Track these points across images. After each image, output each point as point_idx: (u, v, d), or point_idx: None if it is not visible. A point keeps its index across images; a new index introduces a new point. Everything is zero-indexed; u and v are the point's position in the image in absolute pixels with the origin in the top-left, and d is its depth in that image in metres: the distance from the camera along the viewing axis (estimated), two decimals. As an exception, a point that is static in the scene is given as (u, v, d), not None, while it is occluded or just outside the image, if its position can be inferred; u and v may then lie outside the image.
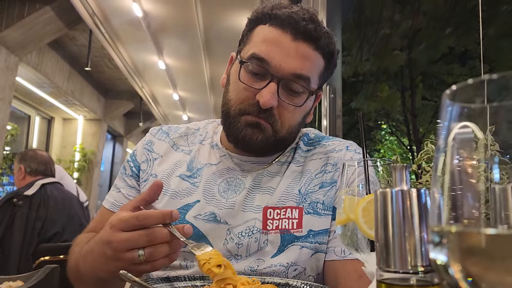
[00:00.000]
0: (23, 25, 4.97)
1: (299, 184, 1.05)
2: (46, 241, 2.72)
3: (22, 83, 6.88)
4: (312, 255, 0.98)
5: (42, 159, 3.04)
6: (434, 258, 0.28)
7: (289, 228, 1.00)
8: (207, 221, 1.01)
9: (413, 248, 0.44)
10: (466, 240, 0.25)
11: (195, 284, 0.84)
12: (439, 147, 0.31)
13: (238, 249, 0.99)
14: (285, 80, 0.97)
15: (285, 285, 0.82)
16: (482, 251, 0.23)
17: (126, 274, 0.68)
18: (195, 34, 5.52)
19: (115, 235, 0.76)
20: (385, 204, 0.46)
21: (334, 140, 1.17)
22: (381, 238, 0.46)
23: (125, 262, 0.76)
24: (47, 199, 2.80)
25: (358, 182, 0.67)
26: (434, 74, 10.59)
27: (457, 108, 0.31)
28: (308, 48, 0.98)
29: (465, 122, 0.31)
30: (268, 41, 0.98)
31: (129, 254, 0.75)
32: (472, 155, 0.30)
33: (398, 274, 0.44)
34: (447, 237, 0.26)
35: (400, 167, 0.47)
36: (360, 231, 0.63)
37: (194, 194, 1.05)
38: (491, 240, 0.23)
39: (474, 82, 0.30)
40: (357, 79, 10.69)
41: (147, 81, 8.06)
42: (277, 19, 0.98)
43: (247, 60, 0.99)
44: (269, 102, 0.95)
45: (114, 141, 12.05)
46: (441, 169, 0.30)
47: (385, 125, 12.60)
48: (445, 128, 0.31)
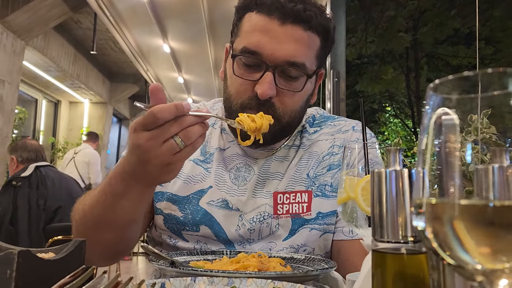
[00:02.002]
0: (29, 9, 4.99)
1: (307, 167, 1.07)
2: (51, 216, 2.93)
3: (28, 67, 6.94)
4: (321, 236, 1.02)
5: (32, 147, 3.21)
6: (416, 225, 0.34)
7: (299, 212, 1.02)
8: (220, 208, 1.03)
9: (404, 221, 0.50)
10: (436, 209, 0.31)
11: (207, 258, 0.91)
12: (422, 130, 0.37)
13: (250, 234, 1.02)
14: (280, 67, 0.95)
15: (290, 259, 0.89)
16: (449, 217, 0.29)
17: (147, 246, 0.75)
18: (200, 17, 5.52)
19: (141, 136, 0.75)
20: (380, 182, 0.52)
21: (340, 120, 1.17)
22: (376, 213, 0.52)
23: (166, 154, 0.75)
24: (44, 179, 3.01)
25: (358, 163, 0.73)
26: (439, 56, 10.53)
27: (439, 98, 0.36)
28: (299, 30, 0.95)
29: (445, 108, 0.36)
30: (257, 31, 0.96)
31: (166, 145, 0.75)
32: (451, 138, 0.36)
33: (391, 244, 0.50)
34: (424, 207, 0.32)
35: (394, 150, 0.53)
36: (359, 208, 0.69)
37: (207, 180, 1.06)
38: (453, 208, 0.29)
39: (454, 78, 0.35)
40: (362, 61, 10.65)
41: (152, 64, 8.08)
42: (263, 5, 0.96)
43: (239, 54, 0.97)
44: (267, 92, 0.94)
45: (120, 124, 12.14)
46: (424, 149, 0.36)
47: (389, 107, 12.60)
48: (428, 114, 0.36)
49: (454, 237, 0.31)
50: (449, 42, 9.60)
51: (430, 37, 8.94)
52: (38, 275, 0.55)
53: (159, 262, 0.75)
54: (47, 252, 0.64)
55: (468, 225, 0.30)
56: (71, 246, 0.65)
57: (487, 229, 0.29)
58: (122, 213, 0.88)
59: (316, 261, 0.87)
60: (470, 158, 0.34)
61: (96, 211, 0.89)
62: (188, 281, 0.63)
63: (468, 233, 0.30)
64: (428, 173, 0.35)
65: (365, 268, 0.61)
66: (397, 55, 10.49)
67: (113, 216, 0.89)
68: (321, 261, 0.87)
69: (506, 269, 0.30)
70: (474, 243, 0.30)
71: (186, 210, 1.04)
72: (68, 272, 0.54)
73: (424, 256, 0.50)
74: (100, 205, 0.89)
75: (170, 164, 0.77)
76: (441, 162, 0.36)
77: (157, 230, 1.07)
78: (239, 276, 0.65)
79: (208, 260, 0.89)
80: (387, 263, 0.50)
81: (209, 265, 0.82)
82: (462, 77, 0.35)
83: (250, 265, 0.76)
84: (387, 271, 0.50)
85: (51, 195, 2.95)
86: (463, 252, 0.30)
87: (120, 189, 0.85)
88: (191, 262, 0.85)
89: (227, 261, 0.84)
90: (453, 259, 0.31)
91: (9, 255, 0.51)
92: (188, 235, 1.04)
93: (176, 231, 1.04)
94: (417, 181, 0.37)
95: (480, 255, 0.30)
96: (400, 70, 10.60)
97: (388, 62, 10.49)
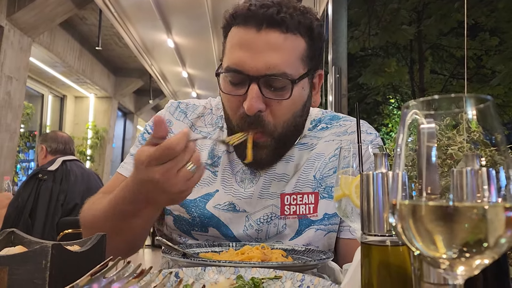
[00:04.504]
0: (35, 7, 5.07)
1: (314, 169, 1.07)
2: (68, 212, 2.99)
3: (35, 63, 7.03)
4: (325, 235, 1.06)
5: (62, 139, 3.30)
6: (390, 221, 0.41)
7: (306, 213, 1.04)
8: (227, 211, 1.05)
9: (388, 216, 0.57)
10: (402, 209, 0.38)
11: (215, 250, 0.98)
12: (398, 136, 0.43)
13: (258, 234, 1.04)
14: (263, 78, 0.93)
15: (291, 251, 0.96)
16: (412, 216, 0.37)
17: (161, 239, 0.82)
18: (204, 12, 5.57)
19: (156, 170, 0.77)
20: (368, 183, 0.59)
21: (345, 120, 1.16)
22: (365, 209, 0.59)
23: (182, 182, 0.79)
24: (68, 174, 3.07)
25: (353, 163, 0.79)
26: (443, 48, 10.52)
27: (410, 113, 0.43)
28: (276, 34, 0.92)
29: (416, 111, 0.43)
30: (236, 45, 0.95)
31: (181, 174, 0.78)
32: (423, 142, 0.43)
33: (377, 237, 0.57)
34: (395, 207, 0.39)
35: (380, 155, 0.60)
36: (353, 204, 0.76)
37: (214, 184, 1.07)
38: (412, 208, 0.37)
39: (424, 100, 0.42)
40: (366, 53, 10.66)
41: (156, 59, 8.14)
42: (239, 17, 0.95)
43: (224, 72, 0.97)
44: (254, 106, 0.92)
45: (125, 118, 12.24)
46: (399, 153, 0.43)
47: (393, 100, 12.62)
48: (402, 126, 0.43)
49: (417, 232, 0.38)
50: (454, 33, 9.58)
51: (434, 29, 8.92)
52: (67, 265, 0.63)
53: (172, 254, 0.83)
54: (72, 245, 0.72)
55: (427, 223, 0.37)
56: (94, 240, 0.73)
57: (443, 225, 0.36)
58: (134, 227, 0.92)
59: (315, 252, 0.94)
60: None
61: (108, 224, 0.92)
62: (199, 270, 0.71)
63: (427, 229, 0.37)
64: (400, 176, 0.42)
65: (356, 258, 0.68)
66: (401, 47, 10.48)
67: (124, 231, 0.92)
68: (319, 252, 0.94)
69: (463, 259, 0.38)
70: (433, 237, 0.37)
71: (193, 213, 1.07)
72: (92, 263, 0.61)
73: (406, 247, 0.57)
74: (109, 218, 0.92)
75: (186, 190, 0.83)
76: (413, 165, 0.43)
77: (168, 229, 1.11)
78: (244, 266, 0.72)
79: (215, 252, 0.96)
80: (373, 254, 0.57)
81: (217, 256, 0.89)
82: (426, 100, 0.42)
83: (254, 256, 0.83)
84: (374, 260, 0.57)
85: (71, 191, 3.01)
86: (425, 244, 0.37)
87: (130, 210, 0.88)
88: (200, 253, 0.93)
89: (233, 252, 0.91)
90: (418, 250, 0.38)
91: (44, 247, 0.59)
92: (197, 235, 1.08)
93: (186, 231, 1.08)
94: (393, 183, 0.44)
95: (439, 247, 0.37)
96: (404, 62, 10.59)
97: (392, 54, 10.49)
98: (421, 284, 0.50)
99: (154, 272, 0.57)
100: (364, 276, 0.58)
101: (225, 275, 0.71)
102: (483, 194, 0.39)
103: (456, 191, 0.39)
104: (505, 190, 0.38)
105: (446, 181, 0.48)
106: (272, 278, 0.69)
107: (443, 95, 0.40)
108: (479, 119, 0.40)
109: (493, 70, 9.30)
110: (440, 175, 0.44)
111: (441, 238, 0.37)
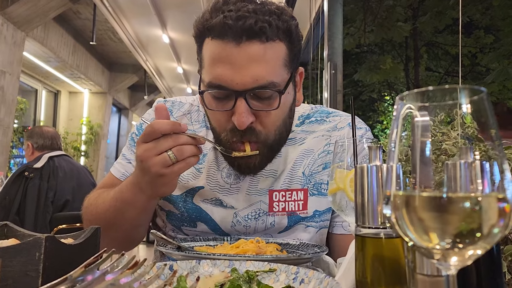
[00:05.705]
0: (28, 1, 5.02)
1: (303, 165, 1.07)
2: (59, 209, 2.95)
3: (28, 57, 6.97)
4: (317, 232, 1.07)
5: (48, 134, 3.21)
6: (385, 212, 0.41)
7: (295, 210, 1.04)
8: (215, 205, 1.06)
9: (382, 209, 0.57)
10: (397, 200, 0.38)
11: (209, 244, 0.98)
12: (392, 129, 0.44)
13: (246, 230, 1.05)
14: (250, 91, 0.91)
15: (286, 244, 0.97)
16: (406, 207, 0.37)
17: (156, 232, 0.82)
18: (199, 8, 5.54)
19: (140, 147, 0.85)
20: (362, 176, 0.59)
21: (335, 115, 1.15)
22: (359, 202, 0.59)
23: (158, 165, 0.83)
24: (56, 170, 3.00)
25: (348, 157, 0.80)
26: (438, 45, 10.55)
27: (405, 105, 0.43)
28: (257, 45, 0.90)
29: (410, 105, 0.43)
30: (216, 61, 0.92)
31: (159, 157, 0.83)
32: (415, 136, 0.43)
33: (371, 229, 0.58)
34: (389, 198, 0.39)
35: (374, 148, 0.60)
36: (348, 198, 0.76)
37: (198, 179, 1.07)
38: (406, 199, 0.37)
39: (418, 91, 0.42)
40: (361, 50, 10.67)
41: (151, 54, 8.11)
42: (214, 30, 0.91)
43: (206, 89, 0.95)
44: (244, 122, 0.91)
45: (120, 114, 12.19)
46: (393, 147, 0.43)
47: (388, 97, 12.66)
48: (396, 119, 0.43)
49: (410, 223, 0.38)
50: (449, 31, 9.62)
51: (429, 26, 8.95)
52: (61, 257, 0.63)
53: (167, 247, 0.82)
54: (66, 238, 0.72)
55: (421, 213, 0.37)
56: (88, 233, 0.72)
57: (437, 216, 0.36)
58: (130, 218, 0.97)
59: (310, 246, 0.95)
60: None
61: (109, 214, 0.98)
62: (193, 263, 0.71)
63: (421, 219, 0.37)
64: (395, 168, 0.42)
65: (351, 251, 0.68)
66: (396, 44, 10.50)
67: (122, 221, 0.98)
68: (314, 246, 0.94)
69: (456, 249, 0.38)
70: (427, 228, 0.38)
71: (181, 208, 1.08)
72: (86, 256, 0.61)
73: (400, 239, 0.57)
74: (112, 209, 0.98)
75: (163, 176, 0.85)
76: (407, 160, 0.43)
77: (163, 225, 1.13)
78: (239, 259, 0.72)
79: (210, 246, 0.96)
80: (368, 246, 0.58)
81: (212, 249, 0.90)
82: (421, 91, 0.42)
83: (249, 250, 0.83)
84: (368, 252, 0.58)
85: (61, 187, 2.96)
86: (418, 235, 0.37)
87: (128, 197, 0.94)
88: (195, 247, 0.93)
89: (227, 246, 0.91)
90: (412, 241, 0.38)
91: (38, 239, 0.58)
92: (187, 230, 1.09)
93: (177, 226, 1.10)
94: (387, 175, 0.44)
95: (433, 238, 0.37)
96: (399, 59, 10.62)
97: (387, 51, 10.51)
98: (414, 276, 0.50)
99: (148, 264, 0.57)
100: (358, 268, 0.59)
101: (219, 268, 0.71)
102: (476, 186, 0.39)
103: (450, 183, 0.39)
104: (498, 182, 0.38)
105: (439, 176, 0.48)
106: (267, 271, 0.69)
107: (438, 86, 0.40)
108: (473, 111, 0.40)
109: (487, 67, 9.35)
110: (434, 171, 0.44)
111: (435, 229, 0.37)
